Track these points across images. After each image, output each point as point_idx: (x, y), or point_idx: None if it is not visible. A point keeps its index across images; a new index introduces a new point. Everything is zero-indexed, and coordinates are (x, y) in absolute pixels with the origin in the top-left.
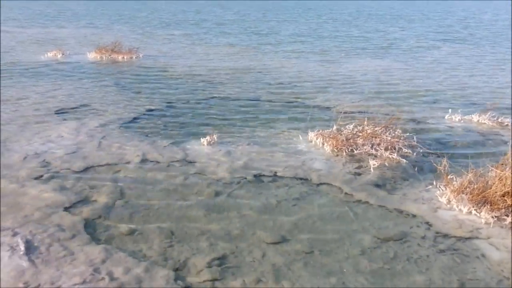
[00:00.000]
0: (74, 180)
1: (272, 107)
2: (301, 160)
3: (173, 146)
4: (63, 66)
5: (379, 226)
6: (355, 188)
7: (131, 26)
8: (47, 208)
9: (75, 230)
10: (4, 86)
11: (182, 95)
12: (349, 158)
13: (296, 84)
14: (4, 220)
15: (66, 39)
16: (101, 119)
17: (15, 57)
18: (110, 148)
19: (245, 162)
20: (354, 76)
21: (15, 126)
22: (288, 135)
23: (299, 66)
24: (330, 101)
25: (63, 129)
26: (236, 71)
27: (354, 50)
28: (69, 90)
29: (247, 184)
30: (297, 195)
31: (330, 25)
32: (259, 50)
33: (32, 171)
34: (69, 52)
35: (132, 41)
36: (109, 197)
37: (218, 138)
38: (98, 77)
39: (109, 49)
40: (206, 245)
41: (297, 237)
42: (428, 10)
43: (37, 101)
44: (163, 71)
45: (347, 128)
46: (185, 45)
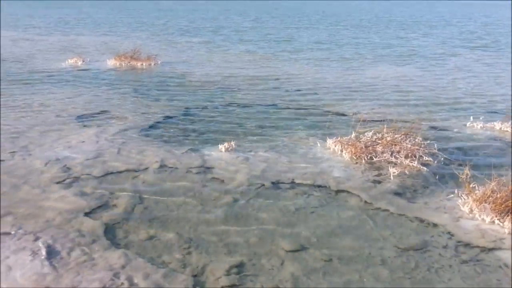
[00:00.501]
0: (94, 186)
1: (290, 114)
2: (319, 167)
3: (191, 153)
4: (84, 73)
5: (399, 235)
6: (374, 196)
7: (149, 33)
8: (68, 213)
9: (95, 235)
10: (26, 92)
11: (200, 101)
12: (368, 165)
13: (314, 91)
14: (26, 224)
15: (86, 46)
16: (121, 125)
17: (37, 64)
18: (129, 154)
19: (263, 169)
20: (373, 83)
21: (37, 132)
22: (306, 142)
23: (317, 73)
24: (348, 108)
25: (83, 135)
26: (254, 78)
27: (374, 57)
28: (89, 97)
29: (265, 191)
30: (315, 203)
31: (349, 32)
32: (278, 57)
33: (53, 176)
34: (89, 59)
35: (151, 48)
36: (128, 203)
37: (236, 144)
38: (117, 84)
39: (128, 56)
40: (225, 252)
41: (315, 245)
42: (449, 15)
43: (58, 107)
44: (181, 78)
45: (366, 135)
46: (203, 52)
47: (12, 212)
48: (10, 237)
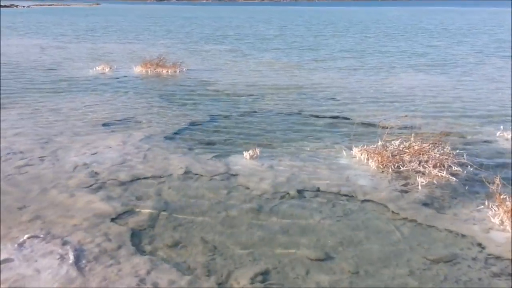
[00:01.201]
0: (121, 191)
1: (316, 121)
2: (345, 175)
3: (216, 160)
4: (111, 80)
5: (427, 246)
6: (402, 206)
7: (175, 41)
8: (95, 217)
9: (121, 241)
10: (55, 99)
11: (225, 108)
12: (395, 175)
13: (340, 99)
14: (54, 228)
15: (113, 53)
16: (146, 131)
17: (65, 72)
18: (155, 160)
19: (288, 177)
20: (402, 92)
21: (66, 138)
22: (332, 150)
23: (343, 81)
24: (375, 116)
25: (110, 140)
26: (279, 86)
27: (403, 65)
28: (116, 103)
29: (290, 199)
30: (341, 212)
31: (377, 40)
32: (303, 66)
33: (81, 181)
34: (116, 66)
35: (176, 56)
36: (154, 209)
37: (261, 152)
38: (143, 91)
39: (154, 63)
40: (249, 260)
41: (341, 255)
42: (480, 23)
43: (86, 113)
44: (206, 85)
45: (393, 144)
46: (228, 59)
47: (41, 216)
48: (39, 240)
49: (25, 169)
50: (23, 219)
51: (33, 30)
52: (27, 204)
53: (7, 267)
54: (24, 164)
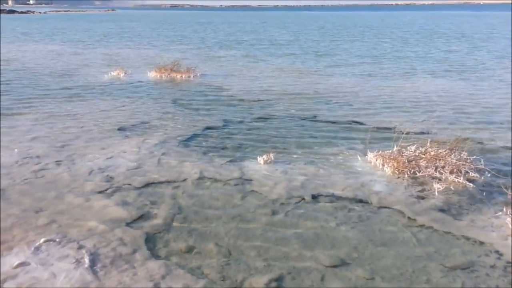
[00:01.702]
0: (136, 196)
1: (330, 126)
2: (360, 181)
3: (230, 164)
4: (125, 84)
5: (444, 253)
6: (418, 212)
7: (189, 46)
8: (110, 222)
9: (136, 245)
10: (71, 104)
11: (238, 113)
12: (411, 180)
13: (355, 104)
14: (70, 232)
15: (128, 59)
16: (161, 136)
17: (81, 77)
18: (169, 165)
19: (302, 182)
20: (418, 97)
21: (81, 142)
22: (347, 155)
23: (359, 86)
24: (390, 122)
25: (125, 145)
26: (293, 91)
27: (420, 70)
28: (130, 108)
29: (305, 204)
30: (356, 218)
31: (393, 45)
32: (318, 71)
33: (96, 185)
34: (131, 72)
35: (190, 61)
36: (168, 213)
37: (275, 157)
38: (157, 96)
39: (168, 68)
40: (264, 265)
41: (357, 262)
42: (499, 27)
43: (101, 118)
44: (220, 90)
45: (409, 150)
46: (242, 65)
47: (57, 220)
48: (55, 244)
49: (41, 173)
50: (40, 223)
51: (49, 36)
52: (44, 208)
53: (24, 270)
54: (41, 169)
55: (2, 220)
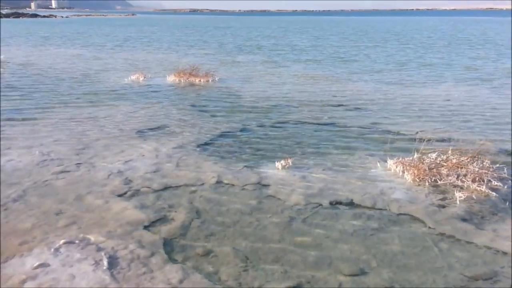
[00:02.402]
0: (154, 199)
1: (349, 132)
2: (379, 188)
3: (247, 169)
4: (145, 88)
5: (466, 263)
6: (439, 221)
7: (208, 51)
8: (129, 225)
9: (154, 248)
10: (91, 107)
11: (256, 118)
12: (432, 188)
13: (374, 109)
14: (89, 234)
15: (147, 63)
16: (179, 140)
17: (101, 80)
18: (187, 168)
19: (320, 188)
20: (439, 104)
21: (101, 145)
22: (366, 161)
23: (378, 92)
24: (411, 128)
25: (143, 149)
26: (312, 97)
27: (444, 77)
28: (149, 112)
29: (323, 211)
30: (375, 226)
31: (415, 51)
32: (338, 76)
33: (115, 188)
34: (150, 75)
35: (209, 65)
36: (186, 217)
37: (293, 162)
38: (176, 100)
39: (187, 72)
40: (281, 272)
41: (376, 270)
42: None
43: (121, 121)
44: (239, 95)
45: (430, 157)
46: (261, 69)
47: (76, 221)
48: (74, 246)
49: (62, 175)
50: (60, 224)
51: (70, 40)
52: (64, 209)
53: (44, 271)
54: (61, 171)
55: (23, 221)
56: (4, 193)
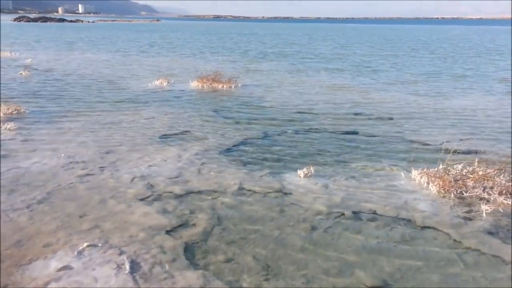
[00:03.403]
0: (176, 204)
1: (372, 141)
2: (403, 199)
3: (269, 176)
4: (168, 93)
5: (491, 278)
6: (464, 234)
7: (231, 57)
8: (151, 229)
9: (175, 254)
10: (116, 111)
11: (279, 125)
12: (457, 201)
13: (399, 118)
14: (111, 238)
15: (171, 68)
16: (201, 146)
17: (126, 85)
18: (209, 174)
19: (343, 198)
20: (464, 113)
21: (125, 149)
22: (389, 171)
23: (402, 100)
24: (436, 138)
25: (166, 153)
26: (335, 105)
27: (470, 87)
28: (172, 117)
29: (345, 220)
30: (399, 237)
31: (443, 61)
32: (360, 86)
33: (138, 192)
34: (173, 81)
35: (232, 71)
36: (208, 223)
37: (315, 170)
38: (199, 105)
39: (210, 78)
40: (302, 282)
41: (399, 283)
42: None
43: (144, 126)
44: (261, 101)
45: (455, 168)
46: (284, 76)
47: (100, 225)
48: (97, 249)
49: (86, 178)
50: (83, 227)
51: (96, 45)
52: (87, 212)
53: (67, 274)
54: (85, 174)
55: (47, 223)
56: (29, 195)
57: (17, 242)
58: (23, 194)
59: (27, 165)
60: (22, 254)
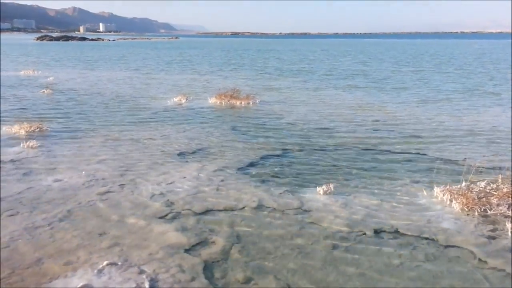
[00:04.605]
0: (194, 222)
1: (393, 157)
2: (426, 217)
3: (288, 194)
4: (186, 110)
5: None
6: (489, 253)
7: (249, 73)
8: (170, 248)
9: (194, 273)
10: (135, 128)
11: (297, 141)
12: (481, 218)
13: (420, 134)
14: (131, 256)
15: (190, 85)
16: (220, 163)
17: (145, 102)
18: (228, 192)
19: (363, 216)
20: (487, 128)
21: (144, 166)
22: (411, 188)
23: (423, 116)
24: (458, 154)
25: (185, 171)
26: (353, 120)
27: (489, 101)
28: (191, 134)
29: (366, 239)
30: (422, 256)
31: (471, 78)
32: (378, 100)
33: (157, 210)
34: (192, 98)
35: (250, 88)
36: (226, 241)
37: (335, 187)
38: (217, 122)
39: (228, 95)
40: None
41: None
42: None
43: (163, 143)
44: (279, 117)
45: (479, 185)
46: (302, 93)
47: (119, 243)
48: (117, 268)
49: (106, 195)
50: (103, 245)
51: (115, 63)
52: (107, 230)
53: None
54: (105, 191)
55: (68, 241)
56: (50, 212)
57: (38, 260)
58: (45, 212)
59: (48, 183)
60: (42, 272)
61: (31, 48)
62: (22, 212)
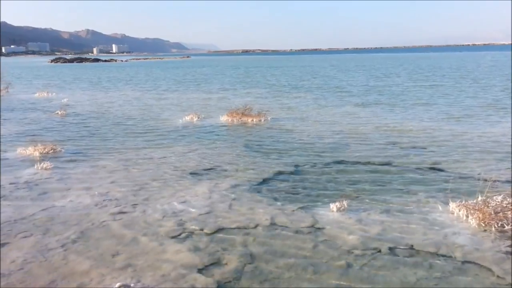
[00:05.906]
0: (207, 241)
1: (407, 172)
2: (442, 233)
3: (301, 211)
4: (198, 129)
5: None
6: (508, 270)
7: (260, 90)
8: (183, 268)
9: None
10: (148, 147)
11: (309, 158)
12: (499, 234)
13: (434, 149)
14: (144, 277)
15: (201, 103)
16: (232, 181)
17: (157, 121)
18: (240, 210)
19: (378, 233)
20: (502, 141)
21: (156, 186)
22: (426, 204)
23: (437, 130)
24: (473, 169)
25: (197, 189)
26: (365, 136)
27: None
28: (203, 152)
29: (382, 257)
30: (439, 274)
31: (485, 92)
32: (388, 115)
33: (169, 229)
34: (203, 116)
35: (261, 105)
36: (239, 261)
37: (348, 204)
38: (229, 140)
39: (239, 112)
40: None
41: None
42: None
43: (175, 162)
44: (291, 134)
45: (495, 200)
46: (313, 109)
47: (132, 264)
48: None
49: (119, 216)
50: (116, 266)
51: (128, 83)
52: (120, 251)
53: None
54: (118, 211)
55: (81, 262)
56: (63, 234)
57: (51, 282)
58: (58, 234)
59: (62, 204)
60: None
61: (46, 70)
62: (35, 234)
